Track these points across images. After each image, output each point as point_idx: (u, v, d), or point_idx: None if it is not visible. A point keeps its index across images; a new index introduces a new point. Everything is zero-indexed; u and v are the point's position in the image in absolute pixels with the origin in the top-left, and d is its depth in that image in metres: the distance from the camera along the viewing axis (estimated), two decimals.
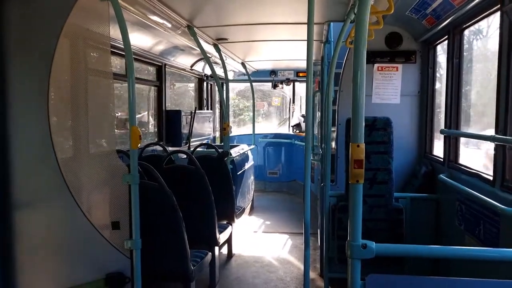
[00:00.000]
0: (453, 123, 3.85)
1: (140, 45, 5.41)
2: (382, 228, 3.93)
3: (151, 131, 6.68)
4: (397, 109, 4.70)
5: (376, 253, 1.84)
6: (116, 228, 3.04)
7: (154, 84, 6.42)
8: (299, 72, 9.56)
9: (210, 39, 5.66)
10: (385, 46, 4.67)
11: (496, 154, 2.95)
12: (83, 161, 3.05)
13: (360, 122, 1.83)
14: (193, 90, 8.87)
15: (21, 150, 2.96)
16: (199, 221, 4.49)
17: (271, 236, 6.68)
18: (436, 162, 4.26)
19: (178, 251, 3.62)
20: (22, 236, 3.00)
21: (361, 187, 1.85)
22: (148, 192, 3.38)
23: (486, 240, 3.02)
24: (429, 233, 4.18)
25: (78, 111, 2.99)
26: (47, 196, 3.00)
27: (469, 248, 2.53)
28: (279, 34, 5.62)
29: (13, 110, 2.93)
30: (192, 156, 4.61)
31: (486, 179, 3.12)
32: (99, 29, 2.93)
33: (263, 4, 4.20)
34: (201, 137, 7.59)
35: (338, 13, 4.29)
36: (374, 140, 3.92)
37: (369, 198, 3.89)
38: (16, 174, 2.96)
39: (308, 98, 3.17)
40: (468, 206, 3.34)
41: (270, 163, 10.22)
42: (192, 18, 4.62)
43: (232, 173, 5.85)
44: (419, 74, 4.69)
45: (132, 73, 2.94)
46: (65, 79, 3.01)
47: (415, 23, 4.19)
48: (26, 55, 2.91)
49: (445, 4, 3.41)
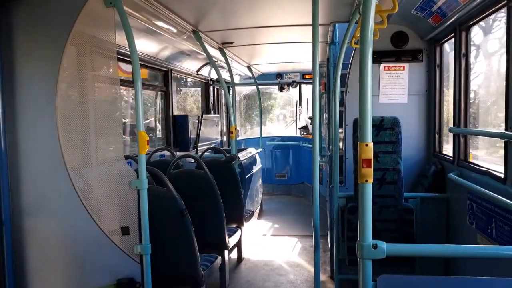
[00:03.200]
0: (462, 121, 3.82)
1: (146, 51, 5.44)
2: (392, 228, 3.90)
3: (158, 136, 6.71)
4: (405, 108, 4.67)
5: (387, 253, 1.82)
6: (125, 233, 3.05)
7: (161, 89, 6.45)
8: (305, 74, 9.55)
9: (215, 43, 5.68)
10: (391, 45, 4.65)
11: (506, 151, 2.91)
12: (92, 167, 3.07)
13: (368, 121, 1.82)
14: (198, 94, 8.90)
15: (30, 157, 2.99)
16: (208, 225, 4.49)
17: (281, 239, 6.66)
18: (445, 161, 4.22)
19: (188, 255, 3.62)
20: (33, 242, 3.03)
21: (370, 187, 1.84)
22: (156, 197, 3.39)
23: (498, 238, 2.98)
24: (440, 233, 4.14)
25: (86, 117, 3.01)
26: (56, 202, 3.03)
27: (481, 247, 2.50)
28: (284, 37, 5.62)
29: (22, 117, 2.98)
30: (200, 160, 4.62)
31: (497, 177, 3.08)
32: (105, 35, 2.95)
33: (267, 7, 4.21)
34: (209, 142, 7.61)
35: (343, 13, 4.28)
36: (383, 140, 3.90)
37: (379, 198, 3.86)
38: (26, 181, 3.00)
39: (314, 99, 3.17)
40: (479, 204, 3.30)
41: (278, 166, 10.21)
42: (198, 22, 4.64)
43: (240, 176, 5.85)
44: (426, 72, 4.66)
45: (139, 79, 2.96)
46: (73, 86, 3.04)
47: (421, 22, 4.16)
48: (34, 63, 2.95)
49: (451, 2, 3.39)
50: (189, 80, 8.01)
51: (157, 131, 6.75)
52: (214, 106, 9.13)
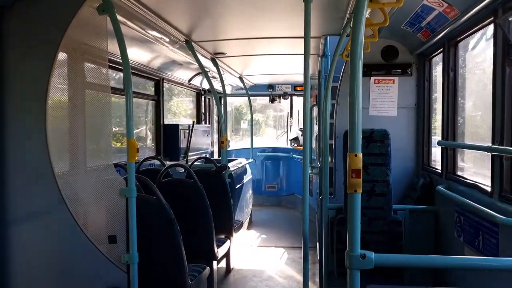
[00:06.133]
0: (450, 134, 3.87)
1: (138, 59, 5.44)
2: (381, 240, 3.91)
3: (149, 146, 6.67)
4: (395, 121, 4.72)
5: (375, 263, 1.82)
6: (113, 242, 3.01)
7: (152, 98, 6.44)
8: (297, 86, 9.61)
9: (208, 54, 5.70)
10: (381, 59, 4.71)
11: (493, 164, 2.95)
12: (80, 175, 3.04)
13: (358, 132, 1.84)
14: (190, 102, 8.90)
15: (18, 164, 2.95)
16: (197, 235, 4.45)
17: (270, 250, 6.63)
18: (434, 174, 4.26)
19: (175, 265, 3.58)
20: (18, 250, 2.97)
21: (359, 197, 1.85)
22: (145, 206, 3.36)
23: (485, 251, 3.00)
24: (429, 246, 4.16)
25: (76, 125, 2.99)
26: (43, 210, 2.98)
27: (469, 258, 2.51)
28: (276, 48, 5.67)
29: (10, 123, 2.94)
30: (190, 170, 4.60)
31: (484, 190, 3.12)
32: (97, 43, 2.95)
33: (260, 19, 4.25)
34: (199, 151, 7.59)
35: (334, 27, 4.34)
36: (372, 152, 3.93)
37: (368, 210, 3.88)
38: (13, 189, 2.95)
39: (305, 111, 3.19)
40: (467, 217, 3.33)
41: (269, 177, 10.20)
42: (190, 32, 4.66)
43: (230, 187, 5.83)
44: (415, 86, 4.72)
45: (130, 87, 2.95)
46: (63, 93, 3.02)
47: (411, 36, 4.24)
48: (25, 69, 2.93)
49: (440, 18, 3.46)
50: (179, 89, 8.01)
51: (148, 140, 6.72)
52: (206, 116, 9.13)
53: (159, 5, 3.71)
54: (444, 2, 3.18)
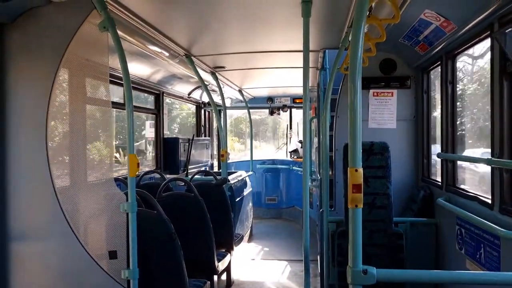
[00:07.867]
0: (449, 146, 3.88)
1: (138, 73, 5.48)
2: (382, 253, 3.89)
3: (149, 159, 6.68)
4: (394, 133, 4.74)
5: (377, 278, 1.82)
6: (113, 257, 2.99)
7: (152, 112, 6.46)
8: (296, 99, 9.65)
9: (207, 67, 5.74)
10: (379, 72, 4.75)
11: (493, 177, 2.96)
12: (81, 190, 3.04)
13: (358, 147, 1.85)
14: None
15: (19, 179, 2.96)
16: (198, 249, 4.43)
17: (271, 263, 6.59)
18: (434, 186, 4.26)
19: (176, 280, 3.56)
20: (19, 266, 2.96)
21: (360, 212, 1.85)
22: (145, 220, 3.35)
23: (487, 264, 2.99)
24: (430, 258, 4.14)
25: (77, 140, 2.99)
26: (44, 225, 2.98)
27: (471, 272, 2.51)
28: (275, 62, 5.71)
29: (12, 139, 2.95)
30: (190, 184, 4.60)
31: (485, 202, 3.11)
32: (98, 59, 2.97)
33: (259, 33, 4.29)
34: (199, 164, 7.58)
35: (333, 40, 4.38)
36: (372, 165, 3.93)
37: (369, 223, 3.86)
38: (14, 204, 2.95)
39: (305, 124, 3.20)
40: (468, 229, 3.32)
41: (269, 189, 10.17)
42: (190, 47, 4.70)
43: (230, 200, 5.82)
44: (413, 99, 4.75)
45: (131, 102, 2.97)
46: (64, 108, 3.04)
47: (408, 50, 4.28)
48: (26, 84, 2.95)
49: (437, 31, 3.49)
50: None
51: (147, 154, 6.73)
52: (205, 129, 9.15)
53: (160, 20, 3.75)
54: (441, 16, 3.22)
